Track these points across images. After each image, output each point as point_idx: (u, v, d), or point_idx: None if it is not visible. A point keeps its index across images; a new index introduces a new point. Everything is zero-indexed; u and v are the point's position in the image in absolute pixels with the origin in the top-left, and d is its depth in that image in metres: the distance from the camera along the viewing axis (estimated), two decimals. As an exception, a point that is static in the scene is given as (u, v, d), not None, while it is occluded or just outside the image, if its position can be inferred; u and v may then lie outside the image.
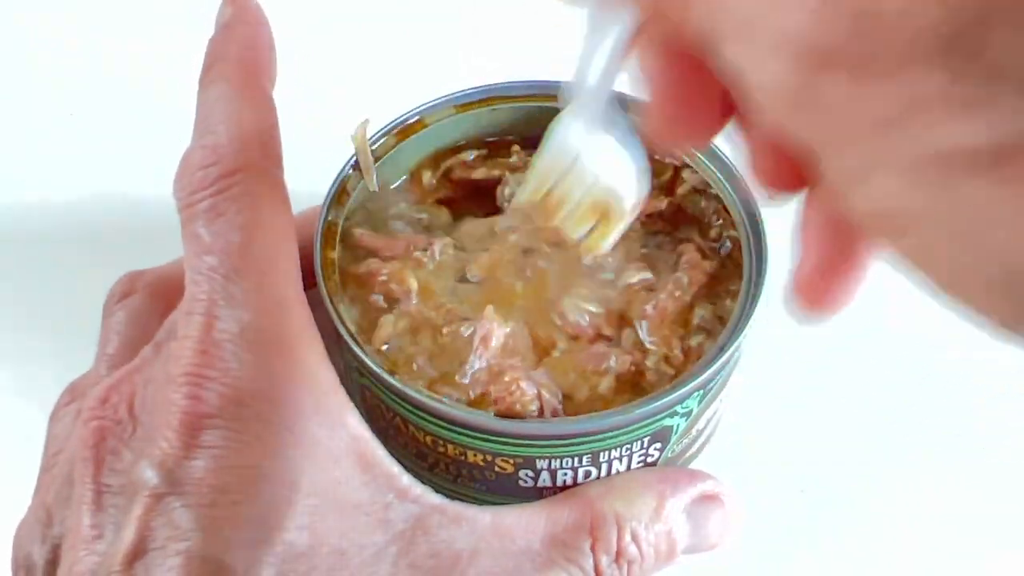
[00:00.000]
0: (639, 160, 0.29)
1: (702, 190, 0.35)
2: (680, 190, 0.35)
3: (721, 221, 0.34)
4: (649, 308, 0.32)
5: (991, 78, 0.15)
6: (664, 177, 0.35)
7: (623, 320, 0.32)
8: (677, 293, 0.32)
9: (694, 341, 0.32)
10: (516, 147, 0.36)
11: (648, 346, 0.32)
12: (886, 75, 0.16)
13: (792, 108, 0.17)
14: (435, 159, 0.36)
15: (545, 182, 0.29)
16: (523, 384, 0.30)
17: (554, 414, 0.30)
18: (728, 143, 0.24)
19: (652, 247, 0.34)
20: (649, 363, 0.31)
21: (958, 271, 0.17)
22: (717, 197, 0.34)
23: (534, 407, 0.30)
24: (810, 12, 0.16)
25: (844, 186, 0.18)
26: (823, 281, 0.22)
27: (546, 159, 0.29)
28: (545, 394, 0.30)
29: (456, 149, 0.36)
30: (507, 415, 0.30)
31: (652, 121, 0.23)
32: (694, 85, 0.22)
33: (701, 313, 0.32)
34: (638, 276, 0.33)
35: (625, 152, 0.29)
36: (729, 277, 0.33)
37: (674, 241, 0.34)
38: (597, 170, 0.29)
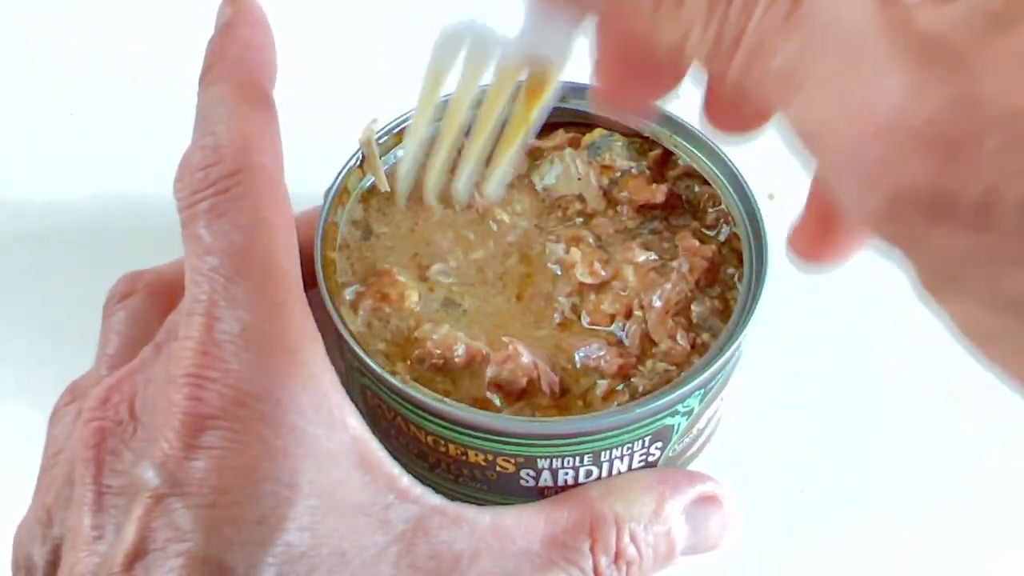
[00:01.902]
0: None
1: (695, 174, 0.35)
2: (672, 172, 0.35)
3: (717, 207, 0.34)
4: (655, 299, 0.32)
5: None
6: (654, 153, 0.35)
7: (628, 309, 0.32)
8: (681, 285, 0.32)
9: (698, 333, 0.32)
10: None
11: (654, 338, 0.32)
12: (964, 220, 0.15)
13: (877, 228, 0.16)
14: None
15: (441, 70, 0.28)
16: (520, 348, 0.30)
17: (551, 386, 0.30)
18: (728, 143, 0.24)
19: (647, 234, 0.34)
20: (654, 354, 0.31)
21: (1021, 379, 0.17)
22: (707, 182, 0.34)
23: (524, 379, 0.30)
24: (878, 137, 0.15)
25: (934, 297, 0.17)
26: (820, 237, 0.22)
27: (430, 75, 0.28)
28: (542, 365, 0.30)
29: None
30: (501, 383, 0.30)
31: (598, 87, 0.22)
32: (643, 67, 0.21)
33: (703, 300, 0.32)
34: (644, 255, 0.33)
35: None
36: (727, 262, 0.33)
37: (670, 228, 0.34)
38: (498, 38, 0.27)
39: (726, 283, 0.33)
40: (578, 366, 0.31)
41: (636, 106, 0.23)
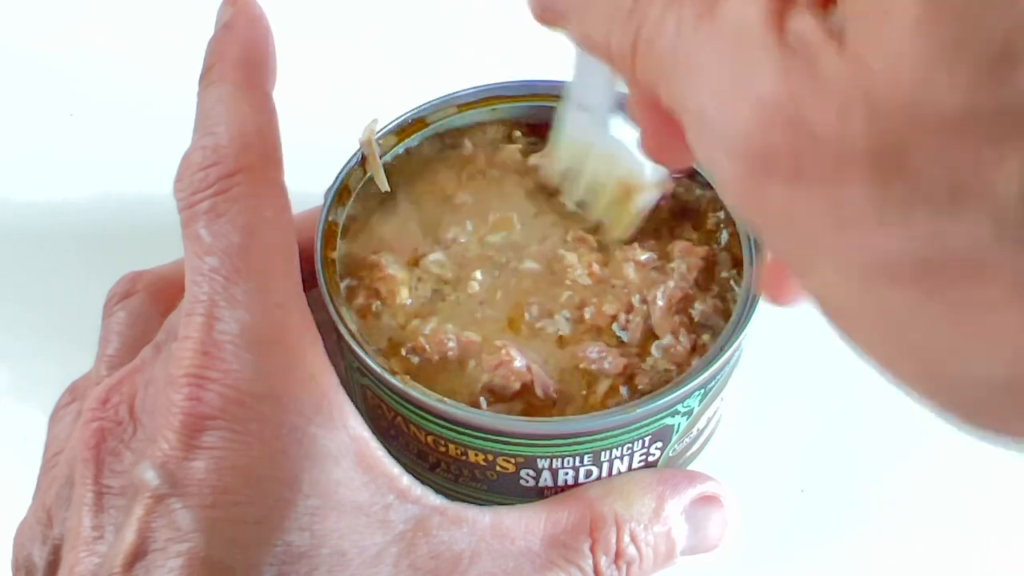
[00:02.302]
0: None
1: (696, 176, 0.35)
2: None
3: (717, 211, 0.34)
4: (659, 296, 0.32)
5: (909, 199, 0.16)
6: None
7: (629, 305, 0.32)
8: (682, 284, 0.32)
9: (698, 333, 0.32)
10: (518, 133, 0.36)
11: (657, 332, 0.32)
12: (816, 183, 0.17)
13: (739, 198, 0.19)
14: None
15: (567, 161, 0.33)
16: (513, 352, 0.30)
17: (545, 390, 0.30)
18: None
19: (648, 235, 0.34)
20: (654, 353, 0.31)
21: (888, 363, 0.18)
22: (709, 185, 0.34)
23: (517, 384, 0.30)
24: (747, 119, 0.18)
25: (790, 268, 0.19)
26: (780, 280, 0.26)
27: (564, 144, 0.32)
28: (536, 369, 0.30)
29: None
30: (494, 388, 0.30)
31: (643, 146, 0.26)
32: (672, 128, 0.23)
33: (703, 299, 0.32)
34: (645, 254, 0.33)
35: (623, 138, 0.31)
36: (723, 264, 0.33)
37: (670, 231, 0.34)
38: (614, 152, 0.31)
39: (723, 284, 0.33)
40: (580, 368, 0.31)
41: (678, 161, 0.26)
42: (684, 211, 0.35)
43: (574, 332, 0.32)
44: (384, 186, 0.34)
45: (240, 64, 0.30)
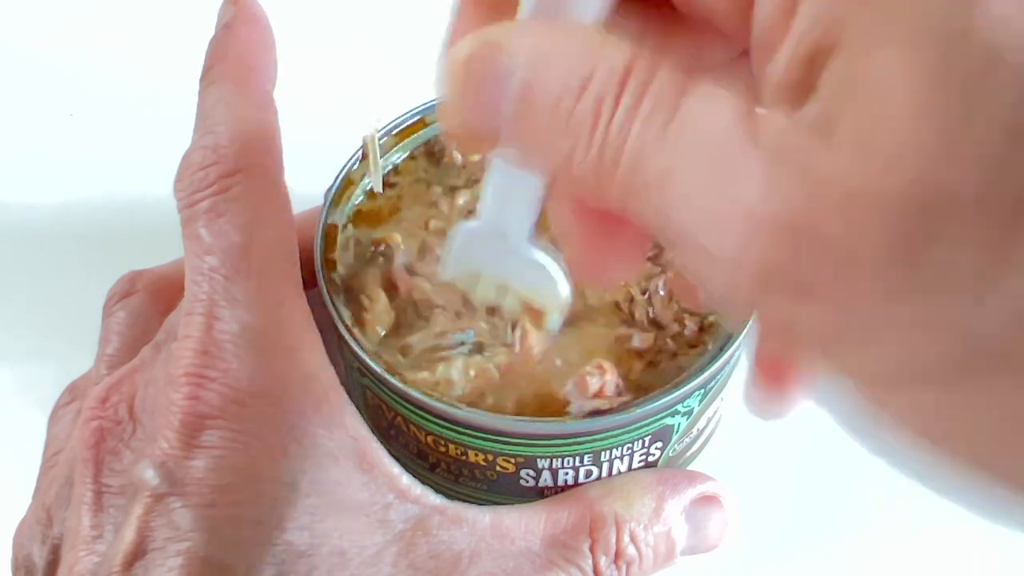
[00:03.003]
0: (563, 265, 0.28)
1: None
2: None
3: None
4: (660, 287, 0.32)
5: (929, 296, 0.15)
6: None
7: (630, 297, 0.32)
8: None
9: (704, 315, 0.32)
10: None
11: (661, 322, 0.32)
12: (825, 296, 0.16)
13: (741, 314, 0.18)
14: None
15: (461, 283, 0.30)
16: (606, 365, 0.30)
17: (618, 392, 0.30)
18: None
19: None
20: (667, 341, 0.31)
21: (934, 463, 0.18)
22: None
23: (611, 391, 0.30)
24: (739, 236, 0.16)
25: (819, 376, 0.18)
26: (771, 391, 0.25)
27: (453, 266, 0.30)
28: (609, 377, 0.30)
29: None
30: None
31: (572, 266, 0.24)
32: (610, 232, 0.22)
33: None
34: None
35: (543, 255, 0.28)
36: None
37: None
38: (506, 278, 0.29)
39: None
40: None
41: (616, 273, 0.24)
42: None
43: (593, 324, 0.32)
44: (379, 187, 0.34)
45: (241, 64, 0.30)
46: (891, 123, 0.15)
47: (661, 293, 0.32)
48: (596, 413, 0.29)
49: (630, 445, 0.30)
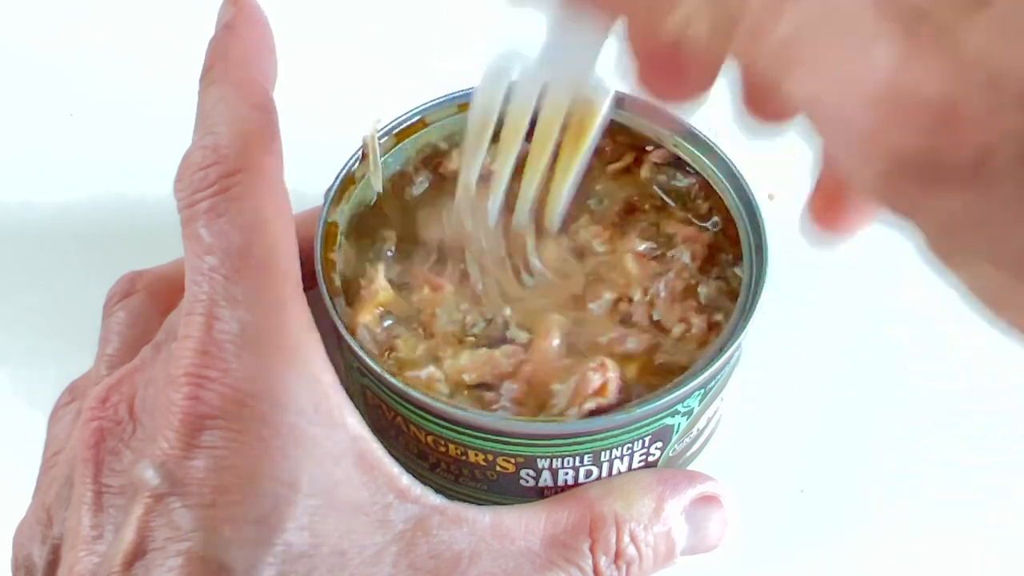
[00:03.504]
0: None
1: (679, 163, 0.35)
2: (644, 172, 0.35)
3: (706, 198, 0.34)
4: (661, 288, 0.32)
5: None
6: (625, 162, 0.35)
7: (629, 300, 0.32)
8: (684, 274, 0.32)
9: (710, 314, 0.32)
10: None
11: (666, 325, 0.32)
12: (962, 179, 0.15)
13: (871, 192, 0.17)
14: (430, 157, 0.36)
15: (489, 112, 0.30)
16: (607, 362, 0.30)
17: (620, 390, 0.30)
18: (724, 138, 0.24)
19: (644, 225, 0.34)
20: (669, 341, 0.31)
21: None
22: (697, 172, 0.34)
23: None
24: (871, 107, 0.15)
25: (942, 262, 0.17)
26: (830, 211, 0.24)
27: (476, 113, 0.29)
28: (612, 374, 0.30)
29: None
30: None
31: (642, 90, 0.22)
32: (679, 70, 0.21)
33: (707, 283, 0.32)
34: (643, 244, 0.33)
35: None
36: (723, 248, 0.33)
37: (661, 219, 0.34)
38: (545, 77, 0.28)
39: (724, 265, 0.33)
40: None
41: (678, 102, 0.23)
42: (675, 197, 0.35)
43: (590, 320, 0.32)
44: (378, 186, 0.34)
45: (241, 64, 0.30)
46: None
47: (663, 295, 0.32)
48: (596, 412, 0.29)
49: (630, 445, 0.30)
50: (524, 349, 0.31)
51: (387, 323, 0.32)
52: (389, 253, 0.34)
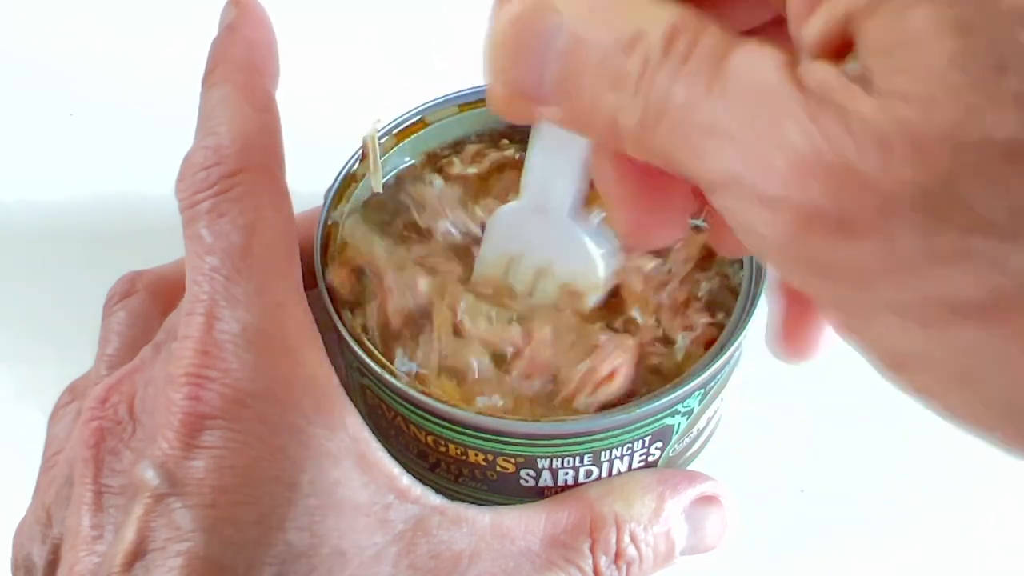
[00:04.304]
0: (603, 244, 0.30)
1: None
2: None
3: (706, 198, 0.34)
4: (664, 297, 0.32)
5: (966, 232, 0.16)
6: None
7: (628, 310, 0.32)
8: (687, 283, 0.32)
9: (712, 314, 0.32)
10: (505, 141, 0.36)
11: (671, 336, 0.32)
12: (865, 232, 0.17)
13: (783, 258, 0.18)
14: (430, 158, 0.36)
15: (495, 272, 0.31)
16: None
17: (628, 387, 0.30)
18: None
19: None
20: (678, 346, 0.31)
21: (962, 406, 0.18)
22: None
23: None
24: (784, 175, 0.17)
25: (844, 326, 0.19)
26: (795, 332, 0.25)
27: (489, 253, 0.30)
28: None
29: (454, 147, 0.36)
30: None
31: (620, 228, 0.24)
32: (657, 192, 0.23)
33: (708, 282, 0.32)
34: (651, 263, 0.33)
35: (583, 234, 0.29)
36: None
37: None
38: (548, 260, 0.30)
39: (721, 261, 0.33)
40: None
41: (662, 235, 0.25)
42: None
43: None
44: (377, 186, 0.34)
45: (243, 65, 0.30)
46: (927, 71, 0.16)
47: (665, 302, 0.32)
48: (601, 407, 0.29)
49: (630, 445, 0.30)
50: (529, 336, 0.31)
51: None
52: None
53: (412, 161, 0.36)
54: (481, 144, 0.36)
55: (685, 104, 0.18)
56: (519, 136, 0.36)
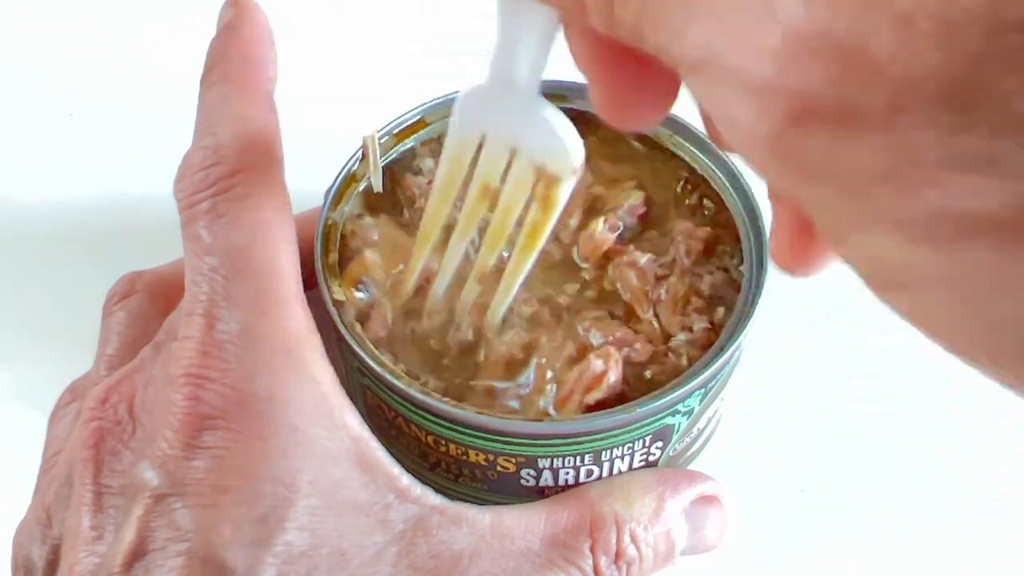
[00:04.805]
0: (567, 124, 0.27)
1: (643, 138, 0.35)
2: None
3: (706, 196, 0.34)
4: (662, 293, 0.32)
5: (996, 131, 0.13)
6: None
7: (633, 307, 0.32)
8: (686, 278, 0.32)
9: (711, 311, 0.32)
10: None
11: (669, 331, 0.32)
12: (874, 127, 0.14)
13: (767, 155, 0.16)
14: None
15: (459, 164, 0.28)
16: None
17: (618, 387, 0.30)
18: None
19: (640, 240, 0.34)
20: (675, 344, 0.31)
21: (961, 332, 0.16)
22: (697, 171, 0.34)
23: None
24: (775, 54, 0.14)
25: (835, 237, 0.16)
26: (795, 249, 0.22)
27: (454, 140, 0.28)
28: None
29: None
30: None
31: (598, 107, 0.22)
32: (634, 70, 0.20)
33: (706, 278, 0.32)
34: (644, 257, 0.33)
35: (552, 113, 0.27)
36: (720, 240, 0.33)
37: (654, 226, 0.34)
38: (514, 137, 0.27)
39: (722, 254, 0.33)
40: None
41: (643, 115, 0.22)
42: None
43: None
44: (377, 187, 0.34)
45: (242, 65, 0.30)
46: None
47: (664, 298, 0.32)
48: (594, 407, 0.29)
49: (631, 445, 0.30)
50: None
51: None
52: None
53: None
54: None
55: None
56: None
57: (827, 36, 0.14)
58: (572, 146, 0.27)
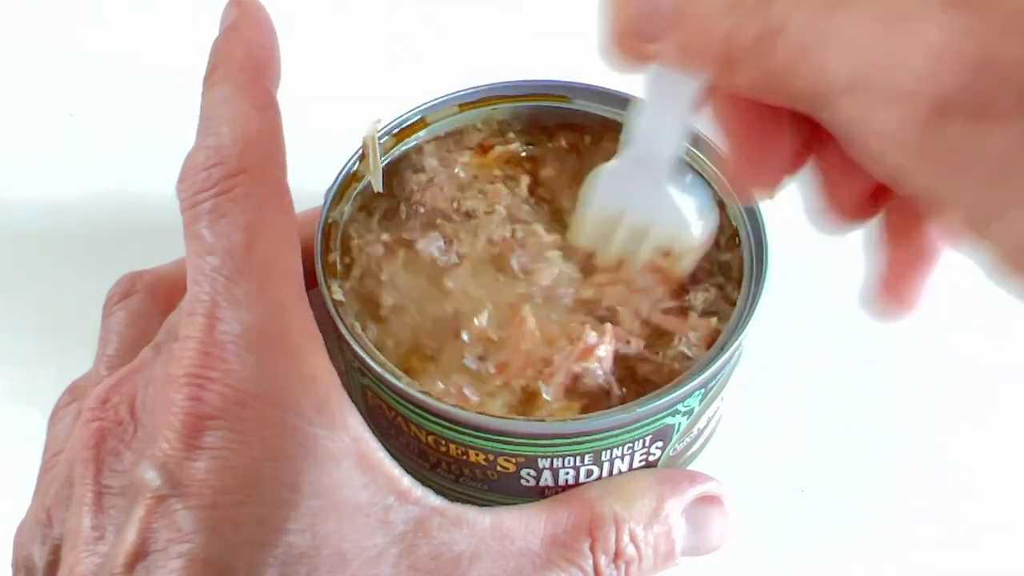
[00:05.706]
0: (702, 198, 0.31)
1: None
2: None
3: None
4: (656, 302, 0.32)
5: None
6: None
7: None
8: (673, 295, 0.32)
9: (707, 319, 0.32)
10: (511, 134, 0.36)
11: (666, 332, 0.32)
12: (1004, 117, 0.17)
13: (914, 154, 0.18)
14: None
15: (594, 234, 0.32)
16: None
17: (611, 367, 0.31)
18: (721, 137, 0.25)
19: None
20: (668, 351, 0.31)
21: None
22: (697, 172, 0.34)
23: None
24: (927, 67, 0.17)
25: (976, 223, 0.19)
26: (899, 282, 0.25)
27: (591, 214, 0.31)
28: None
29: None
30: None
31: (730, 167, 0.25)
32: (769, 132, 0.23)
33: (704, 290, 0.32)
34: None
35: (681, 194, 0.30)
36: (720, 243, 0.33)
37: None
38: (648, 220, 0.30)
39: (721, 266, 0.33)
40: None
41: (771, 177, 0.25)
42: None
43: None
44: (378, 187, 0.34)
45: (244, 65, 0.30)
46: None
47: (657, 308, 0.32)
48: (586, 405, 0.30)
49: (631, 445, 0.30)
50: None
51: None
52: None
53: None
54: (486, 133, 0.36)
55: (807, 15, 0.19)
56: (519, 126, 0.36)
57: (961, 51, 0.17)
58: (696, 227, 0.31)
